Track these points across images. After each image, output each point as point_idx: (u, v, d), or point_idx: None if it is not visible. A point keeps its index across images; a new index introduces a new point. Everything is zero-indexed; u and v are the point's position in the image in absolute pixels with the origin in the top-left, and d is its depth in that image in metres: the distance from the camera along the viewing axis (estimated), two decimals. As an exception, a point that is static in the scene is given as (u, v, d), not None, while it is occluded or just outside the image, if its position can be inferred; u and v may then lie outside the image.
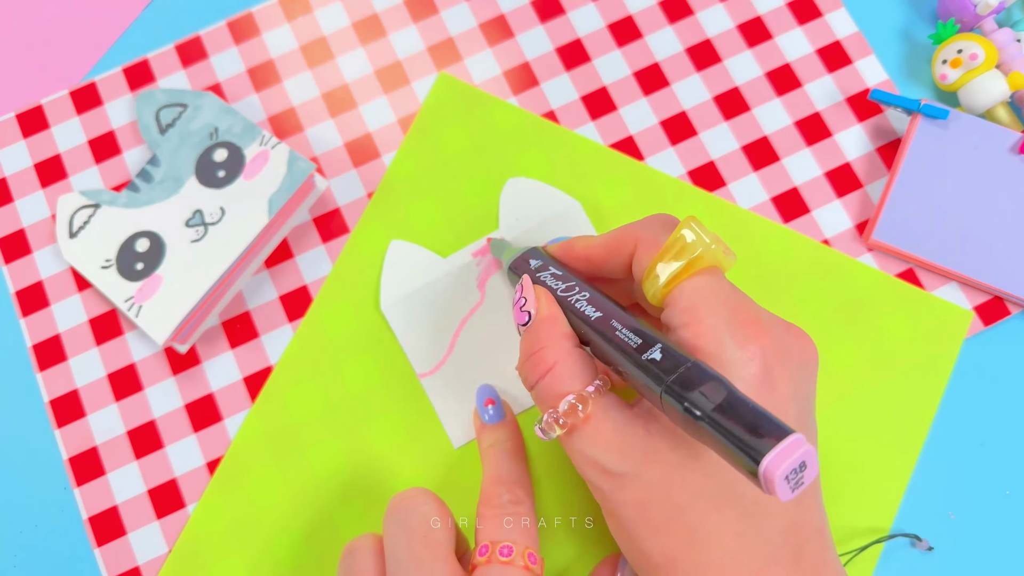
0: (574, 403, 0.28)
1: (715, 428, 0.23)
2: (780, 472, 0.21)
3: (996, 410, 0.38)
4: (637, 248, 0.30)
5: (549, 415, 0.28)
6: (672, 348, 0.26)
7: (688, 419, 0.24)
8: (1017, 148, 0.38)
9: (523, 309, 0.31)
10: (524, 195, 0.40)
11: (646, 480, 0.27)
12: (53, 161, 0.42)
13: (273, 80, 0.43)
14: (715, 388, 0.24)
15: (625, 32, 0.43)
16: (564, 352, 0.29)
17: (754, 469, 0.22)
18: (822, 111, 0.41)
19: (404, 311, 0.39)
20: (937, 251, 0.38)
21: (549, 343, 0.29)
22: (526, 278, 0.32)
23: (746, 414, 0.23)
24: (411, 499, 0.31)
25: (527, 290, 0.31)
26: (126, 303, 0.38)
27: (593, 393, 0.28)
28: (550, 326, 0.30)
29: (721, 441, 0.23)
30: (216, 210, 0.39)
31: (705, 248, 0.27)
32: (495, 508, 0.31)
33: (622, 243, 0.30)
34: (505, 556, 0.29)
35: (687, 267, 0.27)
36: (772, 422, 0.23)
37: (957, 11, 0.40)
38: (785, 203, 0.40)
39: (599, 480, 0.28)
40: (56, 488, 0.39)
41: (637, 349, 0.27)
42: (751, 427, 0.23)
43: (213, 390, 0.39)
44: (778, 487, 0.21)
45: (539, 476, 0.37)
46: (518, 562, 0.29)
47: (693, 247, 0.27)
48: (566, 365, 0.29)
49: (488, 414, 0.36)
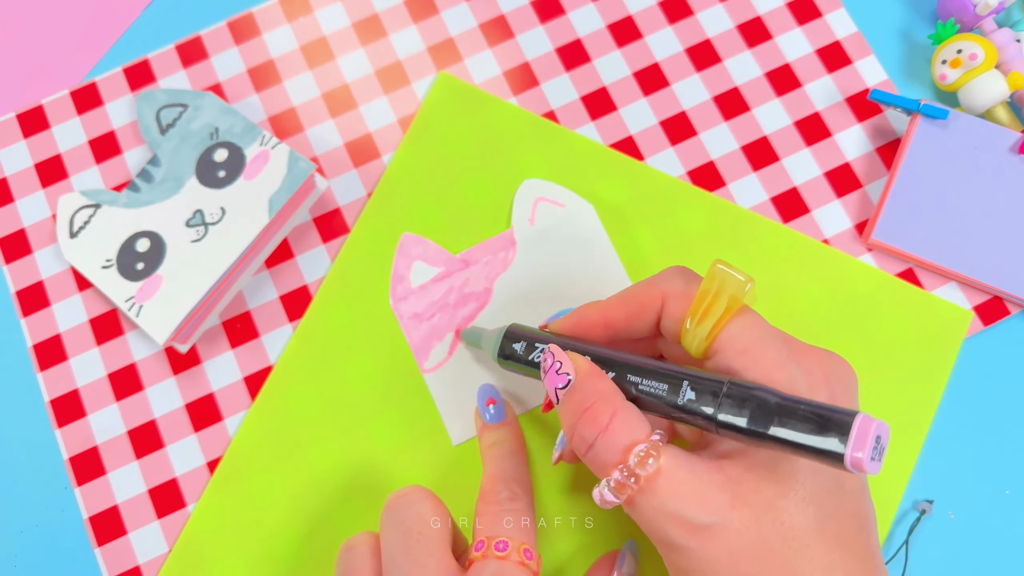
0: (645, 454, 0.26)
1: (784, 437, 0.24)
2: (866, 450, 0.22)
3: (996, 410, 0.38)
4: (665, 303, 0.29)
5: (619, 471, 0.26)
6: (699, 376, 0.26)
7: (755, 439, 0.25)
8: (1017, 148, 0.39)
9: (560, 372, 0.29)
10: (538, 196, 0.40)
11: (736, 527, 0.25)
12: (54, 161, 0.42)
13: (273, 80, 0.43)
14: (763, 399, 0.25)
15: (625, 32, 0.43)
16: (619, 405, 0.27)
17: (840, 455, 0.23)
18: (822, 111, 0.41)
19: (412, 307, 0.39)
20: (937, 251, 0.38)
21: (600, 397, 0.27)
22: (553, 346, 0.30)
23: (806, 412, 0.24)
24: (407, 496, 0.31)
25: (559, 355, 0.29)
26: (127, 303, 0.38)
27: (659, 442, 0.26)
28: (596, 382, 0.28)
29: (795, 445, 0.24)
30: (216, 210, 0.39)
31: (739, 287, 0.27)
32: (493, 505, 0.32)
33: (646, 301, 0.29)
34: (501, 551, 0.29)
35: (727, 310, 0.27)
36: (833, 410, 0.24)
37: (957, 11, 0.40)
38: (785, 203, 0.40)
39: (684, 538, 0.26)
40: (57, 488, 0.39)
41: (670, 394, 0.27)
42: (819, 421, 0.23)
43: (213, 390, 0.39)
44: (866, 464, 0.22)
45: (539, 476, 0.37)
46: (513, 557, 0.29)
47: (729, 288, 0.27)
48: (624, 416, 0.27)
49: (489, 413, 0.36)
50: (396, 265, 0.40)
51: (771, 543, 0.25)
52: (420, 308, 0.39)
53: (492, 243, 0.40)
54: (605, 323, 0.30)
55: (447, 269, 0.39)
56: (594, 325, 0.31)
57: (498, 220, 0.40)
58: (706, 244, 0.39)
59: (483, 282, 0.39)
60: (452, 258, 0.40)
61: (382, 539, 0.30)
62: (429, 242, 0.40)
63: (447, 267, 0.39)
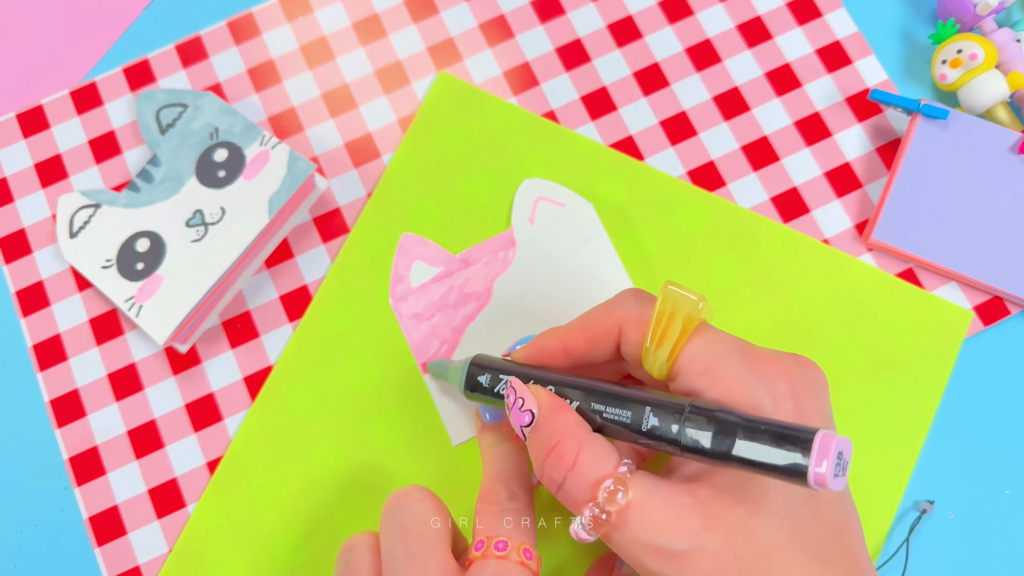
0: (613, 489, 0.26)
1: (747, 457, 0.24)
2: (829, 467, 0.23)
3: (996, 410, 0.38)
4: (623, 329, 0.29)
5: (590, 510, 0.26)
6: (660, 400, 0.27)
7: (719, 460, 0.25)
8: (1017, 148, 0.39)
9: (523, 410, 0.29)
10: (538, 196, 0.40)
11: (710, 549, 0.25)
12: (53, 161, 0.42)
13: (273, 80, 0.43)
14: (724, 420, 0.25)
15: (625, 32, 0.43)
16: (584, 439, 0.27)
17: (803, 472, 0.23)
18: (822, 111, 0.41)
19: (412, 307, 0.39)
20: (937, 251, 0.38)
21: (564, 434, 0.27)
22: (514, 380, 0.30)
23: (766, 431, 0.24)
24: (407, 496, 0.31)
25: (520, 390, 0.29)
26: (126, 303, 0.38)
27: (627, 473, 0.26)
28: (558, 415, 0.28)
29: (758, 465, 0.24)
30: (216, 210, 0.39)
31: (693, 306, 0.27)
32: (493, 505, 0.31)
33: (603, 328, 0.29)
34: (500, 551, 0.29)
35: (683, 331, 0.27)
36: (794, 428, 0.24)
37: (957, 11, 0.40)
38: (785, 203, 0.40)
39: (661, 566, 0.26)
40: (56, 488, 0.39)
41: (633, 421, 0.27)
42: (779, 439, 0.24)
43: (213, 390, 0.39)
44: (829, 481, 0.23)
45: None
46: (513, 557, 0.29)
47: (683, 308, 0.27)
48: (590, 451, 0.27)
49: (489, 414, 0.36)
50: (396, 265, 0.40)
51: (748, 562, 0.25)
52: (420, 308, 0.39)
53: (492, 243, 0.40)
54: (565, 351, 0.30)
55: (447, 269, 0.39)
56: (555, 354, 0.30)
57: (498, 220, 0.40)
58: (706, 244, 0.39)
59: (483, 282, 0.39)
60: (452, 258, 0.40)
61: (382, 538, 0.30)
62: (429, 242, 0.40)
63: (447, 267, 0.39)
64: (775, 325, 0.38)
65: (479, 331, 0.39)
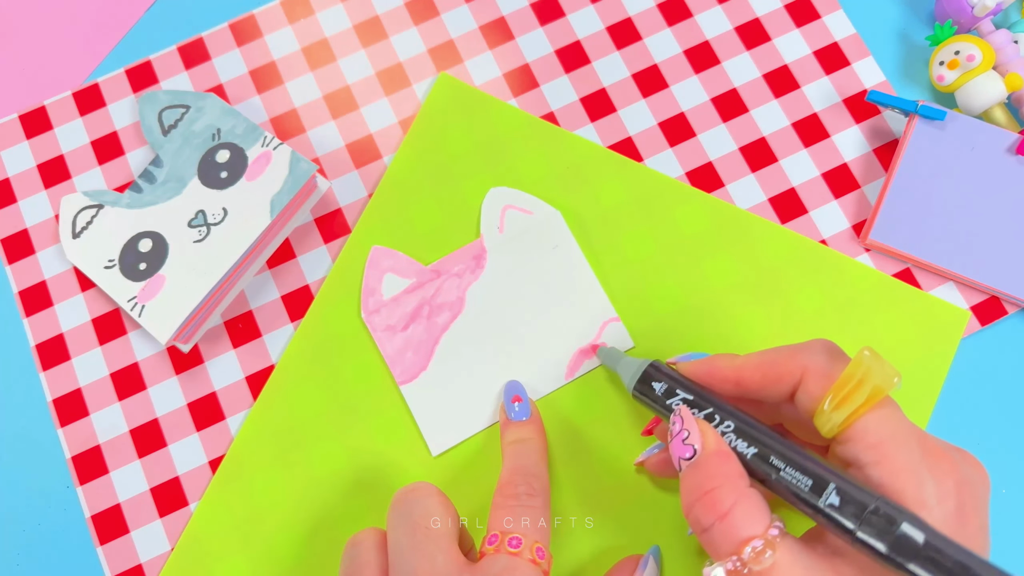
0: (761, 549, 0.25)
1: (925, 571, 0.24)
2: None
3: (993, 409, 0.38)
4: (804, 378, 0.28)
5: (732, 563, 0.25)
6: (848, 483, 0.26)
7: (889, 566, 0.24)
8: (1014, 149, 0.39)
9: (686, 443, 0.28)
10: (506, 204, 0.40)
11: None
12: (56, 162, 0.42)
13: (275, 82, 0.43)
14: (912, 529, 0.24)
15: (624, 34, 0.43)
16: (741, 493, 0.26)
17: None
18: (820, 112, 0.42)
19: (384, 319, 0.39)
20: (934, 251, 0.39)
21: (724, 482, 0.27)
22: (684, 409, 0.30)
23: (951, 554, 0.24)
24: (416, 492, 0.31)
25: (688, 422, 0.29)
26: (129, 303, 0.38)
27: (777, 536, 0.26)
28: (721, 463, 0.27)
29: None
30: (219, 210, 0.39)
31: (886, 379, 0.26)
32: (510, 498, 0.32)
33: (784, 371, 0.28)
34: (514, 547, 0.29)
35: (868, 400, 0.26)
36: (978, 561, 0.24)
37: (954, 13, 0.40)
38: (783, 203, 0.40)
39: None
40: (59, 487, 0.39)
41: (811, 491, 0.26)
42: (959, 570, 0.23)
43: (215, 389, 0.39)
44: None
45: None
46: (526, 555, 0.29)
47: (874, 378, 0.26)
48: (746, 508, 0.26)
49: (515, 410, 0.36)
50: (367, 278, 0.39)
51: None
52: (393, 320, 0.39)
53: (463, 252, 0.40)
54: (737, 381, 0.30)
55: (419, 280, 0.39)
56: (725, 379, 0.30)
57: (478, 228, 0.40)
58: (704, 244, 0.40)
59: (455, 291, 0.39)
60: (424, 269, 0.40)
61: (389, 534, 0.31)
62: (399, 254, 0.40)
63: (419, 278, 0.39)
64: (773, 325, 0.39)
65: (454, 341, 0.39)
